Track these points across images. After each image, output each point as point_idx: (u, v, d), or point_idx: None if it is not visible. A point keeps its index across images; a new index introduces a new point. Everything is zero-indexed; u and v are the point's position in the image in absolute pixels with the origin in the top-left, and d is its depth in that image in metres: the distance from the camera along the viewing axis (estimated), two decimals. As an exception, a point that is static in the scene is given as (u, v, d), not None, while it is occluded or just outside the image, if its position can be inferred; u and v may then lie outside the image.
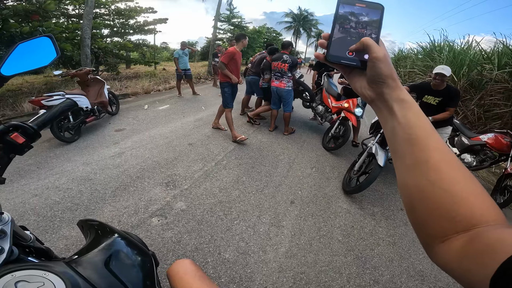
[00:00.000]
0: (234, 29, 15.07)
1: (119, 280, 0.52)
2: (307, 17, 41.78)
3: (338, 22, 0.38)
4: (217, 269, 1.77)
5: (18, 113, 4.51)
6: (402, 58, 11.40)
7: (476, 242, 0.27)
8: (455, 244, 0.29)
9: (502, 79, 5.71)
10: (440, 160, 0.32)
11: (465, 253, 0.28)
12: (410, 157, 0.34)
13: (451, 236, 0.30)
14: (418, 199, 0.33)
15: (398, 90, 0.36)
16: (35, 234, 0.65)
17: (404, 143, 0.34)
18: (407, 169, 0.34)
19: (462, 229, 0.29)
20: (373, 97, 0.37)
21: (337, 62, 0.39)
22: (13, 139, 0.56)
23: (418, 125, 0.34)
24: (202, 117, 5.21)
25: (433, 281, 1.91)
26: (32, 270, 0.44)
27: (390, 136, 0.37)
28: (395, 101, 0.35)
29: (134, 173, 2.83)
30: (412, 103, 0.35)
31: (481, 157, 3.54)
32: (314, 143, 4.43)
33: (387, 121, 0.37)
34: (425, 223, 0.33)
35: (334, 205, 2.67)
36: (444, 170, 0.31)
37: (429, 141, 0.33)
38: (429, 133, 0.34)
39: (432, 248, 0.33)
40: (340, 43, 0.38)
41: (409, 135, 0.34)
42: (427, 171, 0.32)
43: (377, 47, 0.35)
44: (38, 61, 0.68)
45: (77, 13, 8.36)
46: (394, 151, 0.37)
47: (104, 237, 0.64)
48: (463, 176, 0.31)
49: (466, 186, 0.31)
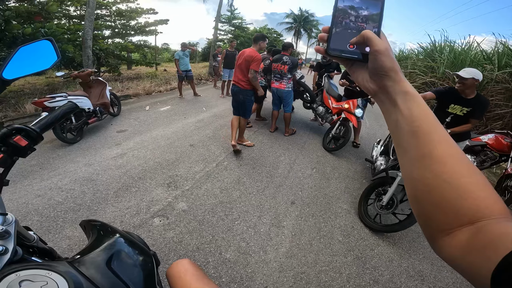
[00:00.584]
0: (234, 30, 15.08)
1: (121, 279, 0.53)
2: (307, 18, 41.76)
3: (337, 15, 0.38)
4: (218, 269, 1.78)
5: (21, 114, 4.54)
6: (403, 58, 11.38)
7: (480, 235, 0.27)
8: (459, 237, 0.29)
9: (503, 80, 5.70)
10: (445, 153, 0.32)
11: (469, 246, 0.28)
12: (414, 150, 0.33)
13: (456, 229, 0.30)
14: (423, 192, 0.33)
15: (401, 83, 0.35)
16: (39, 234, 0.66)
17: (408, 136, 0.34)
18: (412, 162, 0.34)
19: (467, 222, 0.29)
20: (376, 90, 0.37)
21: (338, 56, 0.38)
22: (16, 142, 0.57)
23: (421, 117, 0.33)
24: (203, 118, 5.23)
25: (433, 281, 1.92)
26: (36, 270, 0.45)
27: (394, 129, 0.36)
28: (398, 93, 0.35)
29: (136, 174, 2.85)
30: (416, 95, 0.35)
31: (481, 158, 3.54)
32: (314, 144, 4.44)
33: (390, 114, 0.37)
34: (430, 216, 0.33)
35: (334, 206, 2.68)
36: (448, 163, 0.31)
37: (433, 134, 0.33)
38: (433, 125, 0.33)
39: (437, 241, 0.33)
40: (340, 36, 0.38)
41: (412, 127, 0.33)
42: (432, 164, 0.32)
43: (378, 40, 0.35)
44: (39, 65, 0.68)
45: (78, 14, 8.42)
46: (398, 144, 0.36)
47: (106, 237, 0.65)
48: (467, 169, 0.31)
49: (471, 179, 0.30)
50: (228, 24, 15.37)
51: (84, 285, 0.47)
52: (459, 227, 0.30)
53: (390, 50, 0.35)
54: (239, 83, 3.47)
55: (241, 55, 3.42)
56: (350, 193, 2.96)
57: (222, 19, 14.45)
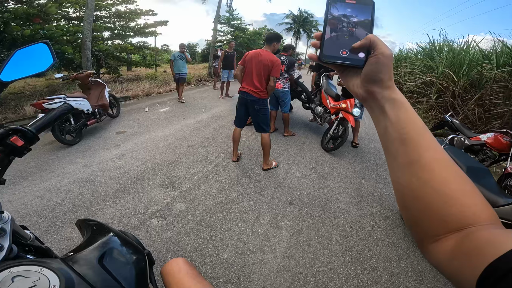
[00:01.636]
0: (234, 31, 15.09)
1: (112, 276, 0.54)
2: (307, 18, 41.80)
3: (329, 21, 0.38)
4: (216, 269, 1.78)
5: (20, 116, 4.56)
6: (402, 58, 11.38)
7: (466, 242, 0.28)
8: (446, 244, 0.30)
9: (502, 79, 5.69)
10: (432, 159, 0.32)
11: (456, 253, 0.28)
12: (402, 156, 0.34)
13: (443, 235, 0.30)
14: (410, 199, 0.33)
15: (389, 90, 0.35)
16: (37, 235, 0.67)
17: (396, 142, 0.34)
18: (399, 168, 0.34)
19: (454, 229, 0.29)
20: (365, 96, 0.37)
21: (331, 62, 0.38)
22: (13, 142, 0.58)
23: (409, 124, 0.34)
24: (202, 119, 5.23)
25: (432, 281, 1.91)
26: (29, 266, 0.46)
27: (383, 135, 0.36)
28: (386, 100, 0.35)
29: (134, 175, 2.86)
30: (404, 102, 0.35)
31: (481, 157, 3.53)
32: (313, 144, 4.44)
33: (379, 120, 0.37)
34: (417, 222, 0.33)
35: (332, 206, 2.68)
36: (435, 169, 0.31)
37: (421, 140, 0.33)
38: (421, 132, 0.33)
39: (425, 246, 0.33)
40: (333, 43, 0.38)
41: (401, 134, 0.34)
42: (419, 170, 0.32)
43: (384, 43, 0.35)
44: (36, 67, 0.70)
45: (77, 16, 8.44)
46: (386, 150, 0.37)
47: (100, 236, 0.66)
48: (455, 176, 0.31)
49: (458, 186, 0.31)
50: (227, 25, 15.38)
51: (75, 281, 0.47)
52: (446, 234, 0.30)
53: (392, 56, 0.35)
54: (255, 92, 2.90)
55: (252, 58, 2.85)
56: (349, 193, 2.96)
57: (221, 20, 14.48)
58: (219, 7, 12.38)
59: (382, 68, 0.34)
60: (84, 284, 0.48)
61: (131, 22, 9.79)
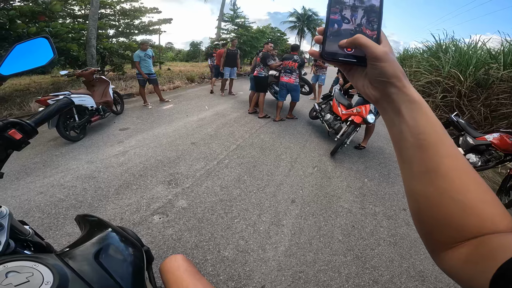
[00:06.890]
0: (237, 29, 15.07)
1: (108, 272, 0.54)
2: (311, 17, 41.46)
3: (332, 15, 0.34)
4: (216, 266, 1.78)
5: (26, 113, 4.61)
6: (408, 57, 11.26)
7: (480, 247, 0.27)
8: (461, 250, 0.29)
9: (509, 79, 5.60)
10: (451, 167, 0.30)
11: (469, 258, 0.27)
12: (419, 163, 0.31)
13: (459, 243, 0.29)
14: (426, 207, 0.31)
15: (406, 90, 0.32)
16: (39, 231, 0.67)
17: (412, 148, 0.31)
18: (415, 176, 0.32)
19: (470, 237, 0.28)
20: (378, 98, 0.34)
21: (333, 60, 0.34)
22: (11, 135, 0.57)
23: (429, 129, 0.31)
24: (205, 116, 5.24)
25: (434, 281, 1.89)
26: (23, 262, 0.46)
27: (398, 140, 0.33)
28: (403, 102, 0.32)
29: (137, 171, 2.87)
30: (422, 103, 0.32)
31: (486, 157, 3.48)
32: (316, 142, 4.42)
33: (394, 123, 0.33)
34: (433, 231, 0.31)
35: (335, 205, 2.66)
36: (455, 178, 0.29)
37: (440, 147, 0.30)
38: (441, 138, 0.31)
39: (438, 254, 0.32)
40: (336, 38, 0.34)
41: (418, 140, 0.31)
42: (437, 179, 0.30)
43: (374, 44, 0.31)
44: (36, 61, 0.70)
45: (83, 13, 8.50)
46: (400, 156, 0.34)
47: (97, 231, 0.65)
48: (474, 184, 0.29)
49: (477, 195, 0.29)
50: (231, 23, 15.35)
51: (69, 277, 0.47)
52: (462, 242, 0.29)
53: (391, 53, 0.32)
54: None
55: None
56: (352, 192, 2.94)
57: (225, 18, 14.46)
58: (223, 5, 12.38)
59: (382, 70, 0.31)
60: (79, 280, 0.48)
61: (135, 20, 9.85)
